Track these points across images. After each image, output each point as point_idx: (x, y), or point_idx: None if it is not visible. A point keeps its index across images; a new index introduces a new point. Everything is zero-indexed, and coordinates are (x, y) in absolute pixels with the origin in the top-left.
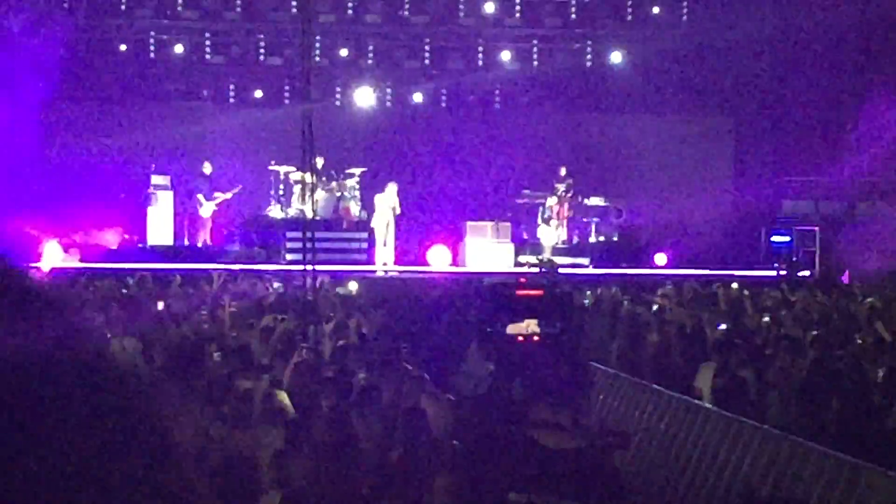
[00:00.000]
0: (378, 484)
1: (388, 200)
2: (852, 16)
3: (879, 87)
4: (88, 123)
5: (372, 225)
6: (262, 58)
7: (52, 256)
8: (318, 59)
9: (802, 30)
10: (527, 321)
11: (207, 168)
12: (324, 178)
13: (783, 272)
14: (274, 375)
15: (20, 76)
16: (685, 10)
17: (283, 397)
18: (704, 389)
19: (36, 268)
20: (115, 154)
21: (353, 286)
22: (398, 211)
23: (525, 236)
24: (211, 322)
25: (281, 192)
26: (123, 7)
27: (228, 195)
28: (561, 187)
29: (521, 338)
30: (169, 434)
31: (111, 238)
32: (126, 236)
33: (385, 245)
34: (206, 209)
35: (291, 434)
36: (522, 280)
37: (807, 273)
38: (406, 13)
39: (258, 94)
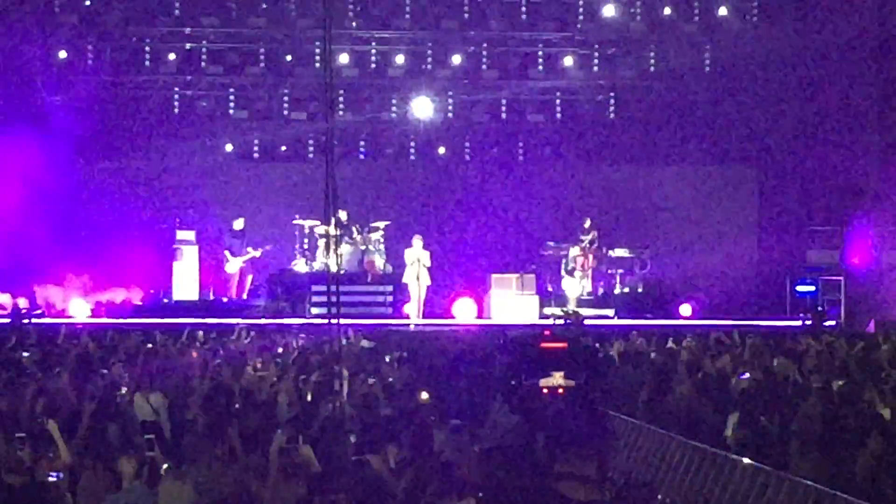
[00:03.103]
0: None
1: (415, 253)
2: (875, 65)
3: None
4: (113, 179)
5: (404, 280)
6: (286, 112)
7: (79, 311)
8: (341, 113)
9: (826, 79)
10: (555, 374)
11: (239, 224)
12: (352, 231)
13: (808, 322)
14: (298, 429)
15: (48, 133)
16: (707, 60)
17: (307, 452)
18: (732, 439)
19: (69, 323)
20: (141, 209)
21: (364, 343)
22: (427, 263)
23: (550, 288)
24: (236, 377)
25: (306, 246)
26: (147, 63)
27: (257, 253)
28: (585, 238)
29: (546, 390)
30: None
31: (134, 295)
32: (151, 291)
33: (419, 298)
34: (233, 265)
35: (315, 487)
36: (546, 333)
37: (832, 323)
38: (429, 66)
39: (283, 148)
